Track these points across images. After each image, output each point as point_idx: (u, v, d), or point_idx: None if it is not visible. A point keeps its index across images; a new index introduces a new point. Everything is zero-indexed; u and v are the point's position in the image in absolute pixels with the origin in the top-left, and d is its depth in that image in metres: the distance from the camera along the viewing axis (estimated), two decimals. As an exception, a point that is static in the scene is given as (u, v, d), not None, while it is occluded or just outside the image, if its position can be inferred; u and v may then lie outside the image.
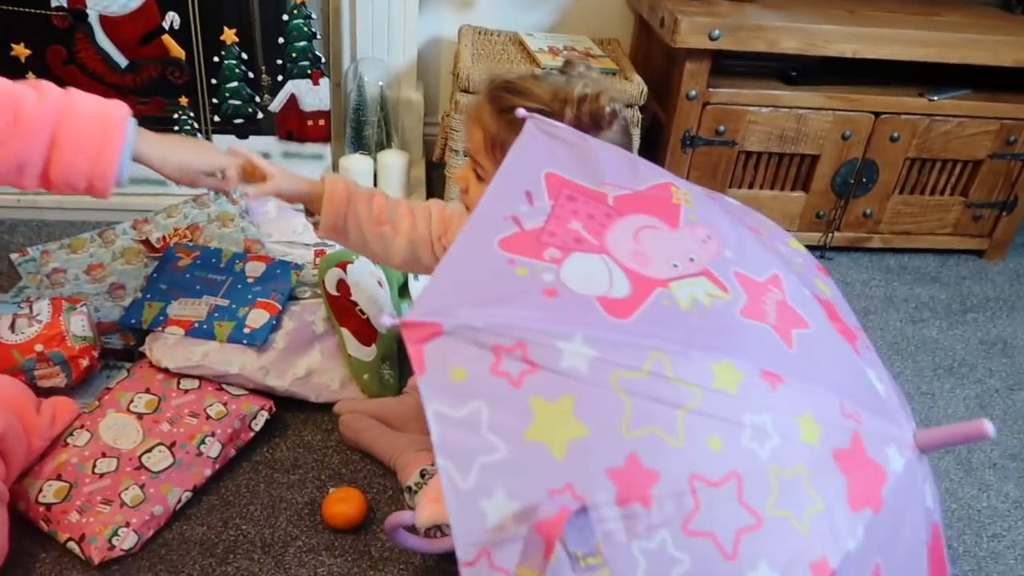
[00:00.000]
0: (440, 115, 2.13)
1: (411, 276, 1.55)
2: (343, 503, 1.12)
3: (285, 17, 1.64)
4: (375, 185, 1.85)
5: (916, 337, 1.69)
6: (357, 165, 1.80)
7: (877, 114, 1.74)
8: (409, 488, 1.14)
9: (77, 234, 1.66)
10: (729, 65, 1.74)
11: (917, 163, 1.84)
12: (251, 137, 1.75)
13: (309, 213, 1.17)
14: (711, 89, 1.69)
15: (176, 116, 1.70)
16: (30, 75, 1.61)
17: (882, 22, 1.67)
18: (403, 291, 1.54)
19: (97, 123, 1.01)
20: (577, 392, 0.64)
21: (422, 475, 1.13)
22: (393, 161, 1.83)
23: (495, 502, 0.62)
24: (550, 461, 0.62)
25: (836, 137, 1.76)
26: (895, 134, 1.77)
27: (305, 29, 1.66)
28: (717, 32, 1.57)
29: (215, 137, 1.74)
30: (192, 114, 1.70)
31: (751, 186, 1.83)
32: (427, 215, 1.17)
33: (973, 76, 1.76)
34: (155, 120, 1.70)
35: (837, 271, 1.89)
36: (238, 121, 1.73)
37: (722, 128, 1.73)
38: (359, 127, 1.88)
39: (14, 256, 1.59)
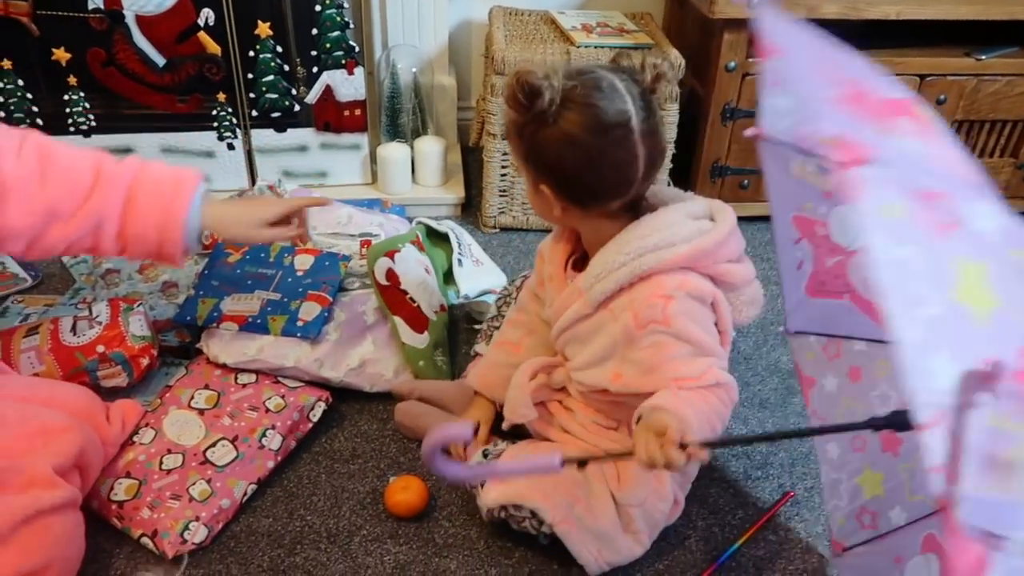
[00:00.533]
0: (475, 99, 2.12)
1: (455, 262, 1.54)
2: (404, 492, 1.13)
3: (318, 8, 1.63)
4: (412, 172, 1.84)
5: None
6: (394, 153, 1.80)
7: (923, 77, 1.70)
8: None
9: (123, 234, 1.69)
10: (767, 33, 1.70)
11: (965, 125, 1.79)
12: (289, 130, 1.75)
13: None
14: (751, 60, 1.66)
15: (215, 113, 1.71)
16: (71, 78, 1.62)
17: (926, -19, 1.62)
18: (448, 278, 1.54)
19: (170, 180, 1.03)
20: (990, 260, 0.61)
21: (484, 455, 1.12)
22: (430, 148, 1.83)
23: (941, 362, 0.54)
24: (978, 326, 0.58)
25: (880, 102, 1.72)
26: (942, 96, 1.72)
27: (338, 19, 1.65)
28: (756, 0, 1.53)
29: (254, 132, 1.74)
30: (230, 110, 1.71)
31: (793, 157, 1.80)
32: (528, 297, 1.20)
33: (1019, 32, 1.71)
34: (194, 117, 1.71)
35: (884, 239, 1.85)
36: (275, 115, 1.73)
37: (763, 99, 1.69)
38: (394, 115, 1.87)
39: (66, 258, 1.61)
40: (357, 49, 1.69)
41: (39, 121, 1.66)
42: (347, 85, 1.72)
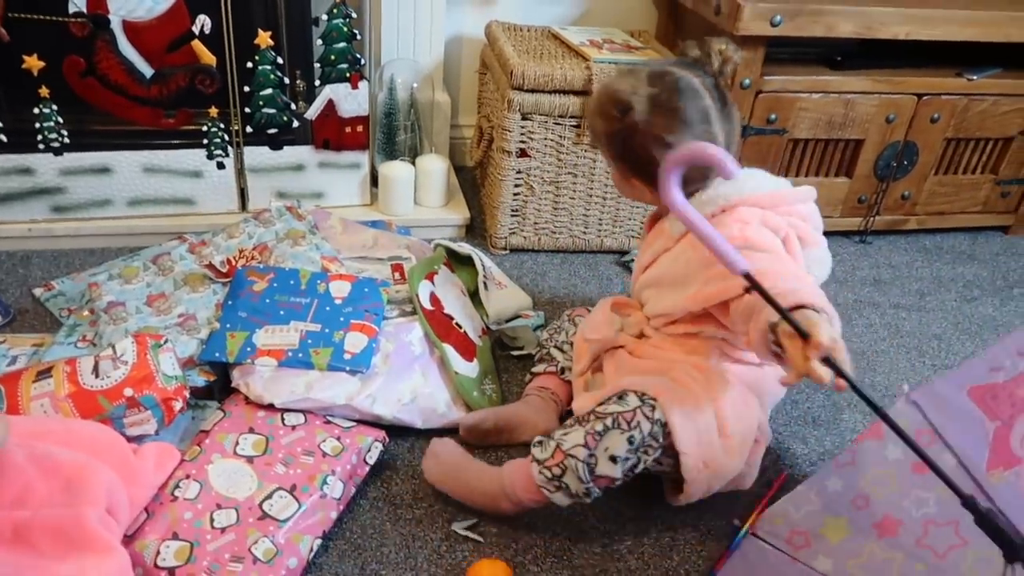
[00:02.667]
0: (464, 117, 2.05)
1: (481, 285, 1.46)
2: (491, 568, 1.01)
3: (325, 17, 1.53)
4: (415, 192, 1.75)
5: (975, 316, 1.70)
6: (398, 172, 1.70)
7: (920, 96, 1.75)
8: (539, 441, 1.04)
9: (97, 263, 1.53)
10: (773, 53, 1.71)
11: (953, 143, 1.86)
12: (286, 148, 1.62)
13: None
14: (765, 77, 1.66)
15: (205, 129, 1.56)
16: (43, 90, 1.45)
17: (931, 3, 1.67)
18: (473, 299, 1.46)
19: None
20: None
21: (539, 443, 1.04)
22: (434, 167, 1.74)
23: None
24: None
25: (881, 121, 1.76)
26: (936, 115, 1.78)
27: (345, 29, 1.54)
28: (779, 18, 1.54)
29: (247, 150, 1.61)
30: (222, 125, 1.57)
31: (797, 173, 1.82)
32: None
33: (1002, 54, 1.79)
34: (182, 134, 1.56)
35: (879, 255, 1.90)
36: (272, 131, 1.60)
37: (773, 116, 1.71)
38: (391, 133, 1.77)
39: (38, 291, 1.43)
40: (363, 62, 1.59)
41: (2, 137, 1.47)
42: (350, 100, 1.61)
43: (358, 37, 1.56)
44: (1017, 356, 0.95)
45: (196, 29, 1.47)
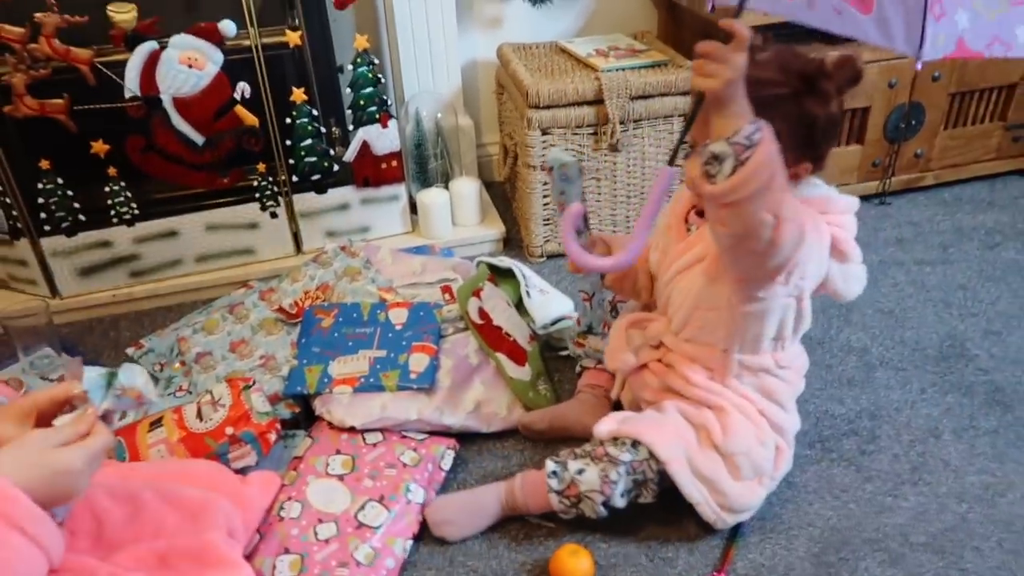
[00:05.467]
0: (487, 135, 2.17)
1: (524, 295, 1.58)
2: (574, 556, 1.11)
3: (350, 66, 1.66)
4: (451, 215, 1.87)
5: (999, 262, 1.77)
6: (434, 198, 1.83)
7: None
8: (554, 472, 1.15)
9: (175, 318, 1.67)
10: (775, 36, 1.79)
11: (958, 97, 1.92)
12: (330, 191, 1.77)
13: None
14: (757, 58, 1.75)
15: (256, 184, 1.71)
16: (111, 169, 1.61)
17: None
18: (519, 309, 1.58)
19: None
20: None
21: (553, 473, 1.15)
22: (467, 189, 1.87)
23: None
24: None
25: (883, 87, 1.84)
26: (936, 73, 1.85)
27: (370, 75, 1.68)
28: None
29: (296, 197, 1.76)
30: (271, 179, 1.72)
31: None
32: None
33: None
34: (236, 191, 1.72)
35: (900, 214, 1.97)
36: (315, 177, 1.74)
37: (779, 98, 1.79)
38: (422, 162, 1.91)
39: (130, 350, 1.59)
40: (389, 102, 1.72)
41: (81, 217, 1.64)
42: (383, 138, 1.75)
43: (382, 81, 1.70)
44: None
45: (237, 95, 1.61)
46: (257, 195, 1.73)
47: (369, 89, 1.69)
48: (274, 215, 1.76)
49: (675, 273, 1.16)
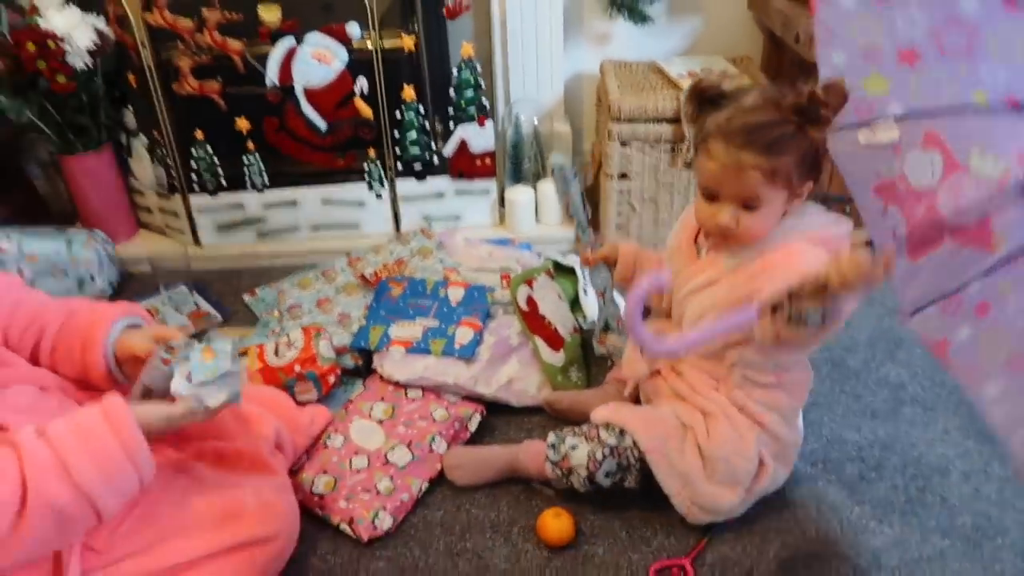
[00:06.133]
0: (589, 143, 2.33)
1: (581, 292, 1.73)
2: (557, 519, 1.26)
3: (454, 71, 1.88)
4: (536, 212, 2.05)
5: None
6: (521, 196, 2.01)
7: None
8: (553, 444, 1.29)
9: (290, 276, 1.95)
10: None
11: None
12: (428, 179, 2.00)
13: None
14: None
15: (365, 167, 1.97)
16: (249, 143, 1.91)
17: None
18: (575, 306, 1.73)
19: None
20: None
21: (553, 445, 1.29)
22: (551, 190, 2.03)
23: None
24: None
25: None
26: None
27: (472, 80, 1.89)
28: (853, 45, 1.68)
29: (398, 182, 2.00)
30: (378, 163, 1.97)
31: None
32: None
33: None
34: (349, 172, 1.98)
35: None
36: (417, 166, 1.97)
37: (862, 132, 1.82)
38: (517, 162, 2.09)
39: (246, 297, 1.89)
40: (488, 106, 1.92)
41: (223, 181, 1.96)
42: (479, 137, 1.95)
43: (483, 86, 1.90)
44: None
45: (357, 90, 1.87)
46: (366, 177, 1.98)
47: (470, 92, 1.90)
48: (379, 196, 2.01)
49: (688, 293, 1.25)
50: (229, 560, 1.10)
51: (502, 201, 2.07)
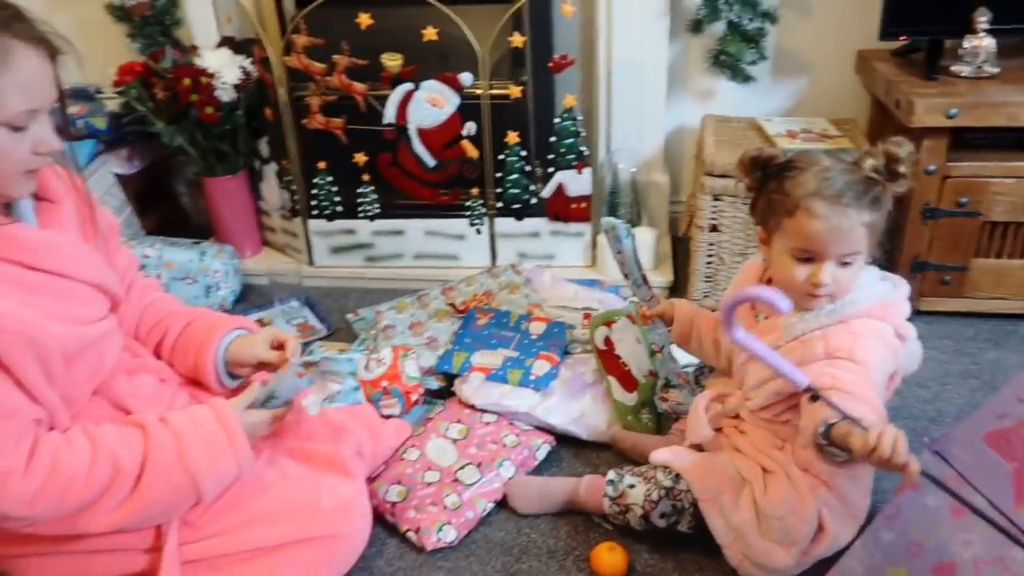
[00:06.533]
0: (684, 195, 2.38)
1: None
2: (611, 552, 1.30)
3: (556, 120, 1.98)
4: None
5: None
6: (613, 240, 2.08)
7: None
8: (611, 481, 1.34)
9: (391, 299, 2.09)
10: (971, 138, 1.80)
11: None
12: (526, 219, 2.10)
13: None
14: (950, 164, 1.77)
15: (468, 204, 2.10)
16: (365, 175, 2.08)
17: None
18: (653, 352, 1.77)
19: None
20: None
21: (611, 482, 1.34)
22: (644, 236, 2.10)
23: None
24: None
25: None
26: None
27: (572, 128, 1.99)
28: (954, 111, 1.68)
29: (497, 220, 2.11)
30: (480, 201, 2.09)
31: (999, 255, 1.86)
32: None
33: None
34: (452, 207, 2.11)
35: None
36: (516, 206, 2.09)
37: (964, 200, 1.80)
38: (613, 208, 2.17)
39: (349, 316, 2.04)
40: (587, 152, 2.01)
41: (339, 208, 2.13)
42: (576, 182, 2.04)
43: (582, 134, 2.00)
44: (1017, 402, 1.04)
45: (464, 132, 2.01)
46: (468, 213, 2.11)
47: (570, 140, 2.00)
48: (479, 231, 2.13)
49: (748, 359, 1.28)
50: (304, 551, 1.21)
51: (595, 244, 2.15)
